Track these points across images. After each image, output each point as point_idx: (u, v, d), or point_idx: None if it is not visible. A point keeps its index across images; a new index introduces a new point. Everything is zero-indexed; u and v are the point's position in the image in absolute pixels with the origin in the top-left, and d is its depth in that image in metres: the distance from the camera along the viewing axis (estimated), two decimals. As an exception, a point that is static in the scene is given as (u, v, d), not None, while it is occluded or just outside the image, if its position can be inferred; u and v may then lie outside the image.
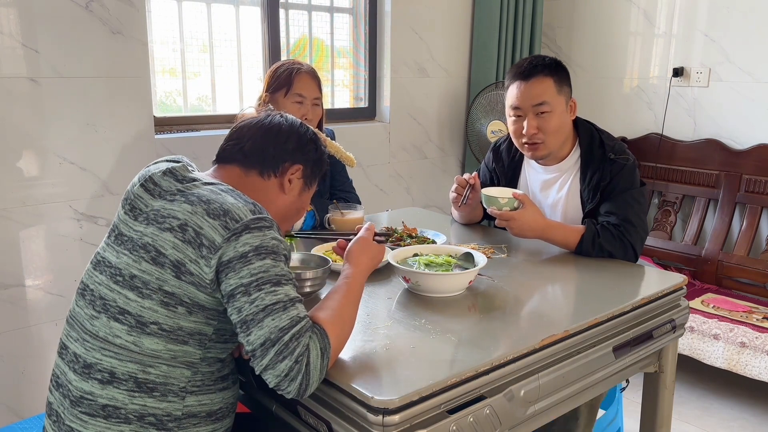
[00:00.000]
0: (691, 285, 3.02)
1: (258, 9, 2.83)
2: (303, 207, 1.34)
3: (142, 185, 1.17)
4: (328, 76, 3.20)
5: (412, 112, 3.38)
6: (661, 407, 1.68)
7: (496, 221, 1.78)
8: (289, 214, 1.31)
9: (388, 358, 1.15)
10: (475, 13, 3.49)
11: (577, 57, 3.71)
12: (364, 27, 3.24)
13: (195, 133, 2.63)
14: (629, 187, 1.80)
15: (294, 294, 1.08)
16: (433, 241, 1.80)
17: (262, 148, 1.25)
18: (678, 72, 3.28)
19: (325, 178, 2.18)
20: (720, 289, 3.01)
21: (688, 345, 2.61)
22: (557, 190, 1.94)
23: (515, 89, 1.85)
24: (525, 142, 1.86)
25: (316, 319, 1.10)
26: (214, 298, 1.09)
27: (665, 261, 3.26)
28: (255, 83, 2.89)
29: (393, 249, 1.61)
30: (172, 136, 2.56)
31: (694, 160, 3.24)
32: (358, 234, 1.33)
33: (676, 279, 1.60)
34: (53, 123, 2.20)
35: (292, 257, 1.47)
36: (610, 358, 1.39)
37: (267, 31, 2.84)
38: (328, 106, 3.09)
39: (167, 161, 1.23)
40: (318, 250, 1.68)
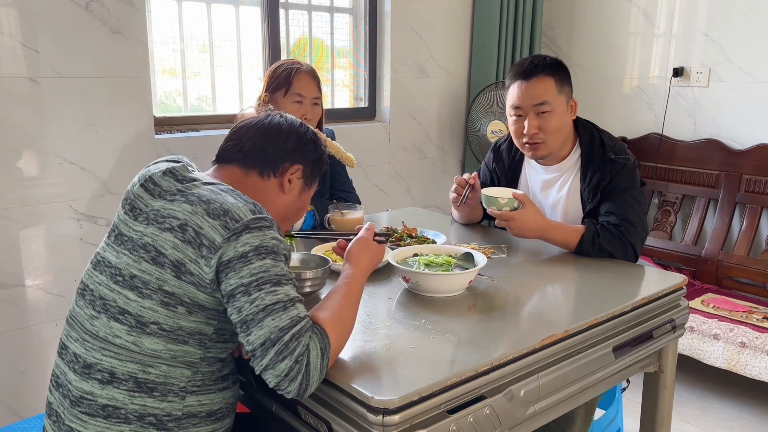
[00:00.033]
0: (691, 285, 3.02)
1: (258, 9, 2.83)
2: (303, 207, 1.34)
3: (142, 185, 1.17)
4: (328, 76, 3.20)
5: (412, 112, 3.38)
6: (661, 407, 1.68)
7: (496, 221, 1.78)
8: (289, 214, 1.31)
9: (388, 358, 1.15)
10: (475, 13, 3.49)
11: (577, 57, 3.71)
12: (364, 27, 3.24)
13: (195, 133, 2.63)
14: (629, 187, 1.80)
15: (294, 294, 1.08)
16: (433, 241, 1.80)
17: (262, 148, 1.25)
18: (678, 72, 3.28)
19: (325, 178, 2.18)
20: (720, 289, 3.01)
21: (688, 345, 2.61)
22: (557, 190, 1.94)
23: (516, 89, 1.85)
24: (526, 141, 1.86)
25: (316, 319, 1.10)
26: (214, 298, 1.09)
27: (665, 261, 3.26)
28: (255, 83, 2.89)
29: (393, 249, 1.60)
30: (172, 136, 2.56)
31: (694, 160, 3.24)
32: (358, 234, 1.33)
33: (676, 279, 1.60)
34: (53, 123, 2.20)
35: (292, 257, 1.47)
36: (610, 358, 1.39)
37: (267, 31, 2.84)
38: (328, 106, 3.09)
39: (167, 161, 1.23)
40: (318, 250, 1.68)
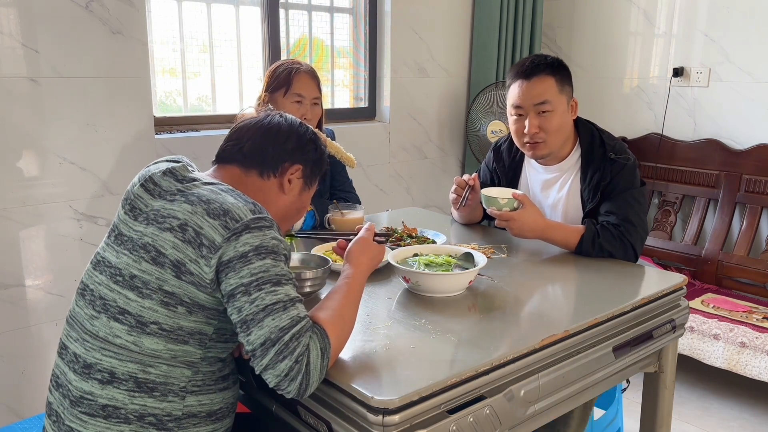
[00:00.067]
0: (691, 285, 3.02)
1: (258, 9, 2.83)
2: (303, 207, 1.34)
3: (142, 185, 1.17)
4: (328, 76, 3.20)
5: (412, 112, 3.38)
6: (661, 407, 1.68)
7: (496, 221, 1.78)
8: (289, 214, 1.31)
9: (388, 358, 1.15)
10: (475, 13, 3.49)
11: (577, 57, 3.71)
12: (364, 27, 3.24)
13: (195, 133, 2.63)
14: (629, 186, 1.80)
15: (294, 294, 1.08)
16: (433, 241, 1.80)
17: (262, 148, 1.24)
18: (678, 72, 3.28)
19: (325, 178, 2.18)
20: (720, 289, 3.01)
21: (688, 345, 2.61)
22: (558, 190, 1.93)
23: (517, 88, 1.85)
24: (526, 141, 1.86)
25: (316, 319, 1.10)
26: (215, 298, 1.09)
27: (665, 261, 3.26)
28: (255, 83, 2.89)
29: (393, 249, 1.60)
30: (172, 136, 2.56)
31: (694, 160, 3.24)
32: (358, 234, 1.33)
33: (676, 279, 1.60)
34: (53, 123, 2.20)
35: (292, 257, 1.47)
36: (610, 358, 1.39)
37: (267, 31, 2.84)
38: (328, 106, 3.09)
39: (167, 161, 1.23)
40: (318, 250, 1.68)
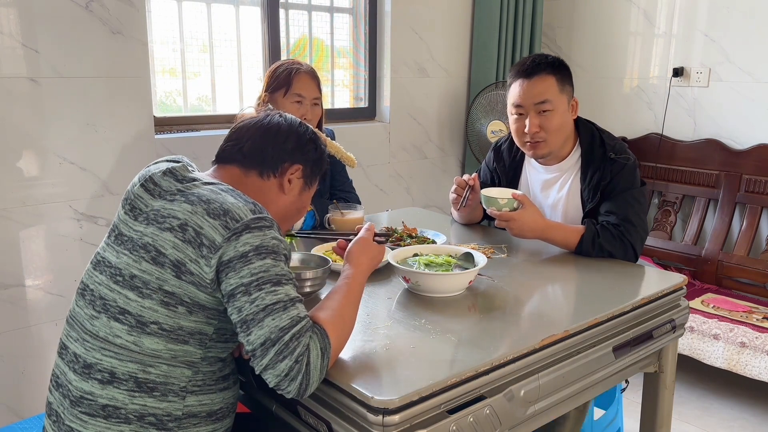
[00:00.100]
0: (691, 285, 3.02)
1: (258, 9, 2.83)
2: (303, 207, 1.34)
3: (142, 185, 1.17)
4: (328, 76, 3.20)
5: (412, 112, 3.38)
6: (661, 407, 1.68)
7: (496, 222, 1.78)
8: (289, 214, 1.31)
9: (388, 358, 1.15)
10: (475, 13, 3.49)
11: (577, 57, 3.71)
12: (364, 27, 3.24)
13: (195, 133, 2.63)
14: (629, 186, 1.80)
15: (294, 294, 1.08)
16: (433, 241, 1.80)
17: (262, 148, 1.24)
18: (678, 72, 3.28)
19: (325, 177, 2.18)
20: (720, 289, 3.01)
21: (688, 345, 2.61)
22: (558, 190, 1.93)
23: (517, 87, 1.85)
24: (527, 140, 1.86)
25: (316, 319, 1.10)
26: (215, 298, 1.09)
27: (665, 261, 3.26)
28: (255, 83, 2.89)
29: (393, 249, 1.60)
30: (172, 136, 2.56)
31: (694, 160, 3.24)
32: (358, 234, 1.33)
33: (676, 279, 1.60)
34: (53, 123, 2.20)
35: (292, 257, 1.47)
36: (610, 358, 1.39)
37: (267, 31, 2.84)
38: (328, 106, 3.09)
39: (167, 161, 1.23)
40: (318, 250, 1.68)
